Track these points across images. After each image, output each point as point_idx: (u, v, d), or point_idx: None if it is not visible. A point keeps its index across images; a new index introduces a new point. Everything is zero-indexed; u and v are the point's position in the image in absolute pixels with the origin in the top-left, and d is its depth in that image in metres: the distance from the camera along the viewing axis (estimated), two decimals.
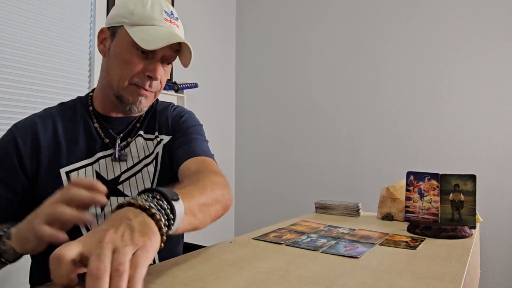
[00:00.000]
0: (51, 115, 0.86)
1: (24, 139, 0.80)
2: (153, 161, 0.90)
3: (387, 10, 2.21)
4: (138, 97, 0.84)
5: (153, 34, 0.79)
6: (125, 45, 0.81)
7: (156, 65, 0.83)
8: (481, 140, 1.96)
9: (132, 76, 0.82)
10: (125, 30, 0.81)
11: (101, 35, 0.86)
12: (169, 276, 0.57)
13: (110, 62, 0.83)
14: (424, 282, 0.56)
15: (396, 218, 1.06)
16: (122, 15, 0.82)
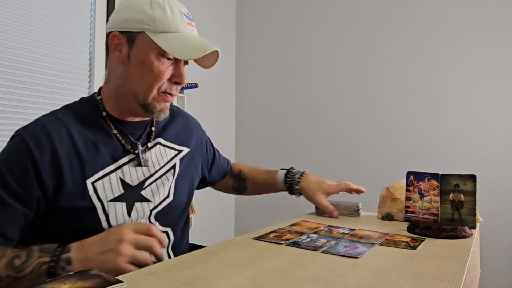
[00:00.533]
0: (61, 120, 0.79)
1: (40, 150, 0.74)
2: (171, 170, 0.92)
3: (387, 11, 2.21)
4: (165, 104, 0.84)
5: (185, 43, 0.78)
6: (151, 54, 0.78)
7: (181, 70, 0.82)
8: (481, 140, 1.96)
9: (161, 85, 0.80)
10: (148, 38, 0.77)
11: (114, 40, 0.80)
12: (169, 276, 0.57)
13: (132, 71, 0.80)
14: (424, 282, 0.56)
15: (396, 218, 1.06)
16: (141, 20, 0.77)
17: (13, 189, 0.71)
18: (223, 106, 2.67)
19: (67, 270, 0.63)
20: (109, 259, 0.64)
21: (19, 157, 0.73)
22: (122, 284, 0.45)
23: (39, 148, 0.74)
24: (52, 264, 0.63)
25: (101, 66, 1.77)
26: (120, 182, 0.82)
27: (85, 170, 0.77)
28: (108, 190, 0.79)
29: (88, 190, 0.77)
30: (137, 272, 0.60)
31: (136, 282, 0.55)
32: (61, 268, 0.63)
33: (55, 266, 0.63)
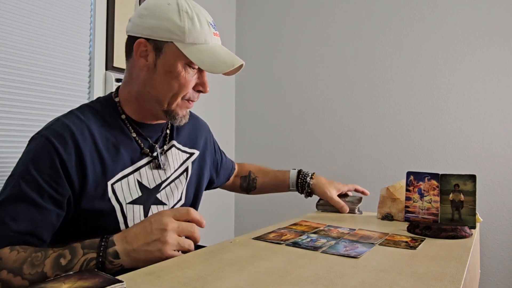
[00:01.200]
0: (82, 120, 0.79)
1: (67, 150, 0.74)
2: (184, 173, 0.94)
3: (387, 11, 2.21)
4: (187, 110, 0.86)
5: (214, 57, 0.79)
6: (178, 64, 0.79)
7: (205, 79, 0.84)
8: (481, 140, 1.96)
9: (185, 94, 0.82)
10: (176, 48, 0.78)
11: (140, 47, 0.80)
12: (169, 276, 0.57)
13: (158, 79, 0.80)
14: (424, 282, 0.56)
15: (396, 218, 1.06)
16: (170, 30, 0.77)
17: (45, 190, 0.71)
18: (223, 106, 2.67)
19: (116, 264, 0.64)
20: (156, 249, 0.65)
21: (47, 157, 0.72)
22: (122, 284, 0.45)
23: (66, 148, 0.74)
24: (100, 259, 0.63)
25: (101, 66, 1.77)
26: (137, 184, 0.82)
27: (106, 171, 0.78)
28: (126, 192, 0.80)
29: (108, 191, 0.78)
30: (137, 272, 0.60)
31: (136, 282, 0.55)
32: (110, 262, 0.64)
33: (104, 261, 0.63)
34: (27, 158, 0.73)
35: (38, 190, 0.70)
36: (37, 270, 0.62)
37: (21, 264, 0.63)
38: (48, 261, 0.63)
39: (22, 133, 1.48)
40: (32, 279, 0.62)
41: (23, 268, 0.63)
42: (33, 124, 1.51)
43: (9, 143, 1.44)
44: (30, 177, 0.71)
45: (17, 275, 0.62)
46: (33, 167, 0.71)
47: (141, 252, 0.65)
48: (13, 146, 1.45)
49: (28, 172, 0.71)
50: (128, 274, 0.58)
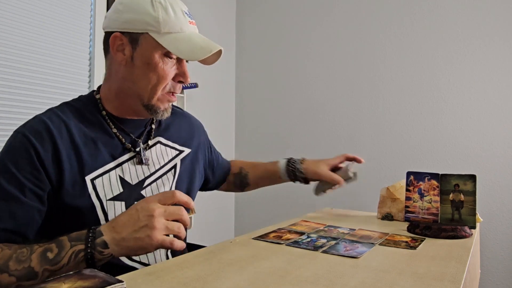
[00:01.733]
0: (60, 117, 0.79)
1: (43, 145, 0.73)
2: (171, 170, 0.92)
3: (387, 11, 2.21)
4: (168, 104, 0.85)
5: (191, 44, 0.78)
6: (155, 55, 0.78)
7: (185, 68, 0.82)
8: (481, 140, 1.96)
9: (166, 85, 0.81)
10: (152, 39, 0.77)
11: (116, 41, 0.79)
12: (169, 276, 0.57)
13: (136, 72, 0.79)
14: (424, 282, 0.56)
15: (396, 218, 1.06)
16: (145, 21, 0.77)
17: (26, 186, 0.71)
18: (223, 106, 2.67)
19: (106, 254, 0.63)
20: (145, 235, 0.63)
21: (25, 153, 0.72)
22: (122, 284, 0.45)
23: (42, 143, 0.74)
24: (89, 250, 0.62)
25: (101, 66, 1.77)
26: (119, 180, 0.81)
27: (84, 167, 0.77)
28: (107, 188, 0.79)
29: (88, 187, 0.77)
30: (137, 272, 0.60)
31: (136, 282, 0.55)
32: (99, 252, 0.62)
33: (92, 251, 0.62)
34: (6, 156, 0.73)
35: (19, 186, 0.70)
36: (23, 265, 0.61)
37: (7, 261, 0.62)
38: (34, 256, 0.62)
39: None
40: (19, 275, 0.61)
41: (9, 265, 0.62)
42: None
43: None
44: (10, 174, 0.71)
45: (3, 272, 0.61)
46: (12, 164, 0.71)
47: (131, 240, 0.63)
48: None
49: (8, 169, 0.71)
50: (128, 274, 0.58)
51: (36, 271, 0.61)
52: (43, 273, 0.61)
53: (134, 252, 0.64)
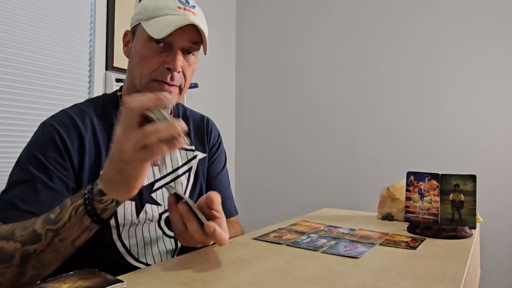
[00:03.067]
0: (86, 112, 0.82)
1: (70, 136, 0.76)
2: (186, 173, 0.92)
3: (388, 11, 2.22)
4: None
5: (164, 23, 0.77)
6: (142, 41, 0.80)
7: (174, 55, 0.79)
8: (481, 140, 1.96)
9: (152, 71, 0.79)
10: (142, 26, 0.80)
11: (125, 38, 0.86)
12: (169, 276, 0.57)
13: (131, 62, 0.83)
14: (424, 282, 0.56)
15: (396, 218, 1.06)
16: (139, 12, 0.82)
17: (52, 171, 0.72)
18: (223, 106, 2.67)
19: (105, 201, 0.60)
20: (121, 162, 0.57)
21: (52, 141, 0.74)
22: (122, 283, 0.45)
23: (68, 133, 0.76)
24: (87, 202, 0.59)
25: (101, 66, 1.77)
26: None
27: (101, 161, 0.78)
28: None
29: None
30: (137, 272, 0.60)
31: (136, 282, 0.55)
32: (98, 201, 0.59)
33: (91, 202, 0.59)
34: (32, 144, 0.75)
35: (45, 171, 0.71)
36: (27, 230, 0.60)
37: (13, 230, 0.61)
38: (38, 220, 0.61)
39: (22, 133, 1.48)
40: (23, 239, 0.59)
41: (15, 232, 0.61)
42: (33, 124, 1.51)
43: (9, 143, 1.45)
44: (37, 160, 0.72)
45: (9, 240, 0.60)
46: (38, 152, 0.73)
47: (117, 177, 0.59)
48: (13, 146, 1.45)
49: (35, 156, 0.72)
50: (128, 274, 0.58)
51: (39, 233, 0.59)
52: (46, 233, 0.59)
53: (128, 185, 0.59)
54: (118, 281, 0.45)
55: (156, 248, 0.83)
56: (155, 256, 0.82)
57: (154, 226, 0.84)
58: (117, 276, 0.50)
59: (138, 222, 0.81)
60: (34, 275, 0.60)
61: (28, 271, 0.60)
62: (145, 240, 0.82)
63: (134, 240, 0.81)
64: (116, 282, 0.45)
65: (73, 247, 0.61)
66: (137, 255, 0.80)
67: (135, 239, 0.81)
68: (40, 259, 0.59)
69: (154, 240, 0.83)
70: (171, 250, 0.86)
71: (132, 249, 0.80)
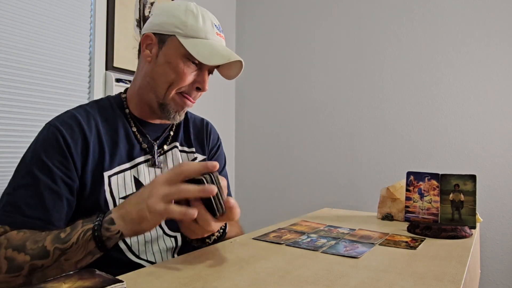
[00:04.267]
0: (90, 113, 0.83)
1: (72, 136, 0.77)
2: None
3: (388, 11, 2.21)
4: (183, 107, 0.86)
5: (211, 49, 0.81)
6: (177, 55, 0.81)
7: (205, 77, 0.85)
8: (481, 140, 1.96)
9: (181, 86, 0.83)
10: (178, 40, 0.81)
11: (146, 40, 0.85)
12: (169, 276, 0.57)
13: (157, 70, 0.83)
14: (424, 282, 0.56)
15: (396, 218, 1.06)
16: (174, 24, 0.82)
17: (57, 174, 0.73)
18: (223, 106, 2.67)
19: (113, 231, 0.62)
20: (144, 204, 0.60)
21: (56, 143, 0.75)
22: (122, 284, 0.45)
23: (72, 134, 0.77)
24: (96, 228, 0.62)
25: (101, 66, 1.77)
26: (133, 180, 0.83)
27: (104, 163, 0.80)
28: (121, 187, 0.81)
29: (104, 183, 0.79)
30: (137, 272, 0.60)
31: (136, 282, 0.55)
32: (106, 229, 0.62)
33: (99, 229, 0.62)
34: (37, 145, 0.76)
35: (50, 175, 0.73)
36: (38, 245, 0.63)
37: (25, 242, 0.64)
38: (49, 237, 0.64)
39: (22, 133, 1.47)
40: (33, 253, 0.63)
41: (26, 245, 0.64)
42: (33, 124, 1.51)
43: (9, 143, 1.44)
44: (41, 163, 0.73)
45: (20, 251, 0.63)
46: (43, 154, 0.74)
47: (133, 212, 0.61)
48: (13, 146, 1.45)
49: (39, 158, 0.73)
50: (128, 274, 0.58)
51: (48, 250, 0.63)
52: (54, 251, 0.62)
53: (138, 226, 0.61)
54: (118, 281, 0.45)
55: (157, 246, 0.84)
56: (155, 253, 0.83)
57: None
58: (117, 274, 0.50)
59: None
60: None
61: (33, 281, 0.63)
62: (146, 238, 0.83)
63: (135, 237, 0.81)
64: (116, 282, 0.45)
65: (76, 267, 0.64)
66: (138, 252, 0.81)
67: (136, 237, 0.81)
68: (45, 273, 0.63)
69: (154, 238, 0.84)
70: (171, 248, 0.86)
71: (133, 246, 0.81)
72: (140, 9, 1.96)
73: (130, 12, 1.90)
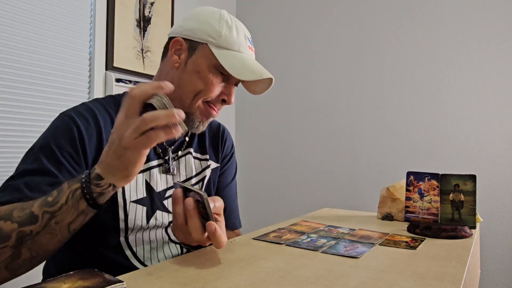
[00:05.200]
0: (107, 109, 0.80)
1: (87, 129, 0.74)
2: (199, 182, 0.92)
3: (388, 11, 2.22)
4: (208, 117, 0.85)
5: (243, 64, 0.80)
6: (208, 65, 0.80)
7: (232, 89, 0.84)
8: (481, 140, 1.96)
9: (208, 97, 0.81)
10: (210, 50, 0.79)
11: (175, 45, 0.83)
12: (169, 276, 0.57)
13: (185, 77, 0.81)
14: (424, 282, 0.56)
15: (396, 218, 1.06)
16: (207, 33, 0.80)
17: (64, 165, 0.70)
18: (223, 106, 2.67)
19: (103, 185, 0.60)
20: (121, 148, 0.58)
21: (69, 134, 0.72)
22: (122, 284, 0.45)
23: (87, 127, 0.74)
24: (84, 185, 0.60)
25: (101, 66, 1.77)
26: (145, 184, 0.82)
27: None
28: (133, 189, 0.79)
29: None
30: (137, 272, 0.60)
31: (136, 282, 0.55)
32: (96, 185, 0.60)
33: (88, 186, 0.60)
34: (49, 133, 0.74)
35: (57, 164, 0.70)
36: (25, 211, 0.60)
37: (12, 211, 0.61)
38: (36, 203, 0.61)
39: (22, 133, 1.48)
40: (20, 220, 0.60)
41: (13, 213, 0.61)
42: (33, 124, 1.51)
43: (9, 143, 1.45)
44: (50, 151, 0.71)
45: (6, 220, 0.60)
46: (53, 142, 0.71)
47: (115, 161, 0.59)
48: (13, 146, 1.45)
49: (49, 146, 0.71)
50: (128, 274, 0.58)
51: (36, 214, 0.60)
52: (43, 215, 0.60)
53: (126, 171, 0.60)
54: (118, 281, 0.45)
55: (162, 253, 0.83)
56: (160, 260, 0.82)
57: (161, 232, 0.84)
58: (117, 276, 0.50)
59: (147, 228, 0.81)
60: (28, 258, 0.60)
61: (23, 253, 0.60)
62: (151, 244, 0.82)
63: (141, 244, 0.80)
64: (116, 282, 0.45)
65: (69, 230, 0.61)
66: (143, 259, 0.80)
67: (141, 243, 0.81)
68: (35, 240, 0.60)
69: (160, 245, 0.83)
70: (176, 255, 0.85)
71: (139, 253, 0.80)
72: (140, 9, 1.96)
73: (130, 12, 1.90)
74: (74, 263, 0.79)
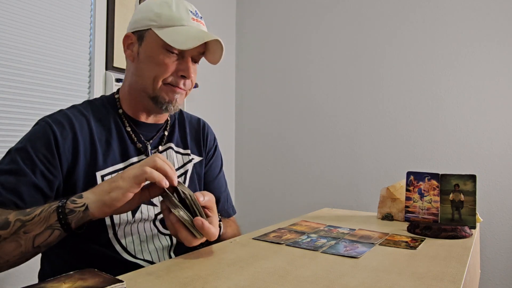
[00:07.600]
0: (83, 113, 0.83)
1: (62, 133, 0.77)
2: (182, 176, 0.93)
3: (388, 11, 2.21)
4: (174, 95, 0.85)
5: (185, 34, 0.80)
6: (156, 47, 0.81)
7: (188, 64, 0.84)
8: (481, 140, 1.96)
9: (166, 77, 0.83)
10: (154, 33, 0.81)
11: (126, 41, 0.86)
12: (169, 276, 0.57)
13: (141, 66, 0.83)
14: (424, 282, 0.56)
15: (396, 218, 1.06)
16: (149, 18, 0.82)
17: (38, 167, 0.73)
18: (223, 107, 2.67)
19: (79, 203, 0.63)
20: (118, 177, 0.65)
21: (44, 138, 0.76)
22: (122, 284, 0.45)
23: (62, 132, 0.77)
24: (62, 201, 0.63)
25: (101, 66, 1.77)
26: None
27: (97, 163, 0.80)
28: None
29: (97, 183, 0.78)
30: (137, 272, 0.60)
31: (136, 282, 0.55)
32: (72, 201, 0.63)
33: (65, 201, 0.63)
34: (26, 137, 0.78)
35: (31, 166, 0.73)
36: (1, 217, 0.63)
37: None
38: (15, 211, 0.64)
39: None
40: None
41: None
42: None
43: (9, 143, 1.44)
44: (26, 153, 0.74)
45: None
46: (29, 145, 0.75)
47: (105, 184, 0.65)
48: None
49: (25, 149, 0.74)
50: (128, 274, 0.58)
51: (9, 221, 0.62)
52: (15, 222, 0.62)
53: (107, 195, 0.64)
54: (118, 281, 0.45)
55: (152, 245, 0.84)
56: (151, 252, 0.83)
57: (149, 225, 0.85)
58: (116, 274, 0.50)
59: (134, 221, 0.82)
60: None
61: None
62: (141, 237, 0.83)
63: (130, 238, 0.81)
64: (116, 282, 0.45)
65: (33, 244, 0.63)
66: (134, 252, 0.81)
67: (131, 237, 0.81)
68: (1, 246, 0.62)
69: (149, 238, 0.84)
70: (167, 246, 0.86)
71: (129, 247, 0.81)
72: None
73: (130, 12, 1.90)
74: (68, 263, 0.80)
